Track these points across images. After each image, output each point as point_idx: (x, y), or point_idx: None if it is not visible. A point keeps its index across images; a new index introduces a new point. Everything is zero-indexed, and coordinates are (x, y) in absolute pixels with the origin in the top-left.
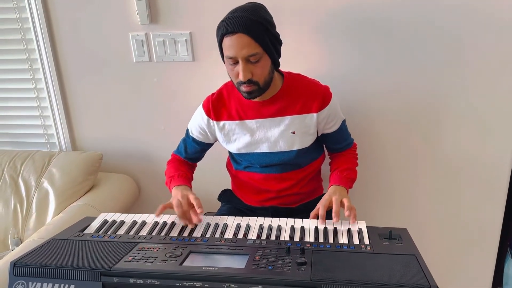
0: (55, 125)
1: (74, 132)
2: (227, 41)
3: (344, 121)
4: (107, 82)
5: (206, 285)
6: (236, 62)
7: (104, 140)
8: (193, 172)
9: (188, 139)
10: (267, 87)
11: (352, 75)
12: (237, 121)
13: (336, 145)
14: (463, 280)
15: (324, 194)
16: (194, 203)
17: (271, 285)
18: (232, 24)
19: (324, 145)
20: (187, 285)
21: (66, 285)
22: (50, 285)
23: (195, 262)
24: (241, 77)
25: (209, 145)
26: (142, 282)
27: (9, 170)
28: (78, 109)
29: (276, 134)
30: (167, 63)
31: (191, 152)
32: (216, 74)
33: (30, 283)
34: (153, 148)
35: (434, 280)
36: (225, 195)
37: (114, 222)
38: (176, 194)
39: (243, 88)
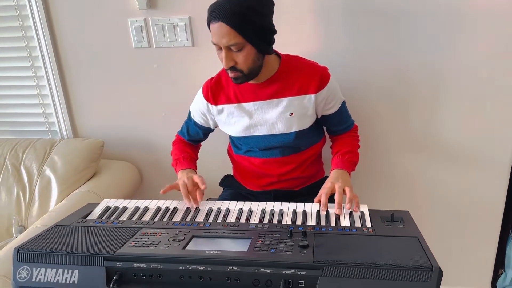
0: (55, 113)
1: (75, 120)
2: (212, 27)
3: (344, 103)
4: (106, 69)
5: (209, 269)
6: (220, 49)
7: (105, 128)
8: (198, 152)
9: (190, 122)
10: (254, 74)
11: (350, 56)
12: (235, 104)
13: (337, 127)
14: (465, 262)
15: (326, 176)
16: (198, 181)
17: (273, 267)
18: (215, 12)
19: (324, 128)
20: (190, 268)
21: (70, 271)
22: (54, 270)
23: (198, 246)
24: (224, 64)
25: (210, 130)
26: (145, 266)
27: (11, 158)
28: (78, 96)
29: (274, 116)
30: (167, 48)
31: (194, 135)
32: (216, 59)
33: (34, 268)
34: (154, 135)
35: (437, 262)
36: (226, 181)
37: (116, 208)
38: (182, 176)
39: (229, 73)
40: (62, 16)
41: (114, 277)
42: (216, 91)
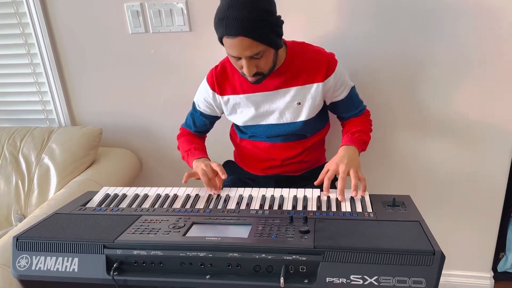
0: (53, 101)
1: (72, 108)
2: (228, 41)
3: (353, 88)
4: (103, 55)
5: (209, 255)
6: (239, 58)
7: (103, 115)
8: (204, 143)
9: (195, 113)
10: (272, 71)
11: (358, 40)
12: (241, 95)
13: (347, 113)
14: (466, 246)
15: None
16: (218, 169)
17: (274, 253)
18: (232, 27)
19: (329, 115)
20: (190, 255)
21: (70, 259)
22: (54, 258)
23: (198, 232)
24: (246, 73)
25: (217, 118)
26: (145, 253)
27: (8, 147)
28: (76, 84)
29: (281, 106)
30: (164, 33)
31: (200, 126)
32: (214, 44)
33: (34, 257)
34: (153, 122)
35: (439, 246)
36: (227, 167)
37: (116, 195)
38: (198, 165)
39: (248, 78)
40: (57, 2)
41: (114, 265)
42: (221, 81)
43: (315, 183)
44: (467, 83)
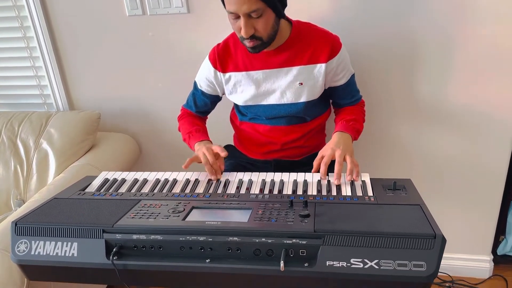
0: (50, 85)
1: (70, 92)
2: None
3: (353, 76)
4: (100, 38)
5: (209, 239)
6: (238, 17)
7: (102, 99)
8: (205, 124)
9: (196, 92)
10: (272, 41)
11: (359, 23)
12: (243, 72)
13: (343, 100)
14: (466, 229)
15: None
16: (218, 150)
17: (274, 237)
18: None
19: (330, 101)
20: (190, 239)
21: (69, 243)
22: (53, 243)
23: (198, 217)
24: (243, 33)
25: (218, 98)
26: (145, 238)
27: (6, 131)
28: (73, 67)
29: (283, 86)
30: (161, 15)
31: (201, 106)
32: (213, 26)
33: (33, 242)
34: (152, 106)
35: (440, 229)
36: (227, 151)
37: (115, 180)
38: (200, 148)
39: (246, 43)
40: None
41: (114, 249)
42: (224, 58)
43: (312, 171)
44: (467, 66)
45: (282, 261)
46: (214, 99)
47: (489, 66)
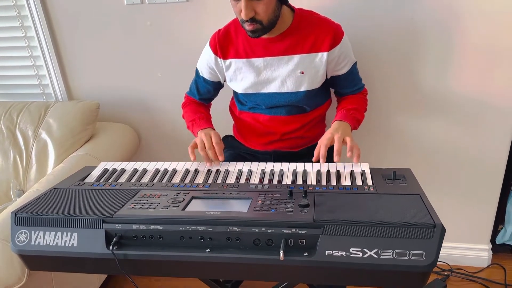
0: (49, 75)
1: (69, 82)
2: None
3: (355, 64)
4: (99, 28)
5: (209, 229)
6: (238, 0)
7: (100, 89)
8: (209, 112)
9: (198, 79)
10: (272, 26)
11: (359, 13)
12: (243, 59)
13: (346, 89)
14: (465, 218)
15: None
16: (216, 148)
17: (274, 227)
18: None
19: (331, 91)
20: (190, 229)
21: (69, 233)
22: (53, 233)
23: (197, 207)
24: (243, 15)
25: (220, 84)
26: (145, 228)
27: (5, 121)
28: (71, 57)
29: (283, 74)
30: (160, 4)
31: (204, 93)
32: (212, 15)
33: (33, 232)
34: (150, 96)
35: (439, 219)
36: (226, 141)
37: (114, 170)
38: (200, 135)
39: (246, 26)
40: None
41: (114, 239)
42: (224, 44)
43: (313, 159)
44: (467, 57)
45: (281, 251)
46: (217, 86)
47: (488, 57)
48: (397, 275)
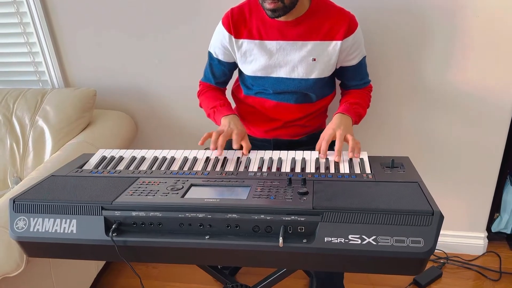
0: (45, 62)
1: (65, 69)
2: None
3: (365, 58)
4: (96, 13)
5: (208, 216)
6: None
7: (97, 76)
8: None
9: (213, 62)
10: (293, 6)
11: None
12: (256, 41)
13: (352, 82)
14: (462, 206)
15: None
16: (234, 146)
17: (273, 214)
18: None
19: (337, 83)
20: (189, 216)
21: (68, 220)
22: (52, 220)
23: (196, 194)
24: None
25: (235, 65)
26: (144, 215)
27: (1, 109)
28: (68, 44)
29: (295, 60)
30: None
31: (220, 75)
32: (211, 1)
33: (32, 219)
34: (148, 83)
35: (438, 206)
36: None
37: (112, 157)
38: (225, 123)
39: (267, 4)
40: None
41: (113, 226)
42: (238, 23)
43: (316, 147)
44: (466, 47)
45: (281, 238)
46: (231, 67)
47: (488, 50)
48: (396, 262)
